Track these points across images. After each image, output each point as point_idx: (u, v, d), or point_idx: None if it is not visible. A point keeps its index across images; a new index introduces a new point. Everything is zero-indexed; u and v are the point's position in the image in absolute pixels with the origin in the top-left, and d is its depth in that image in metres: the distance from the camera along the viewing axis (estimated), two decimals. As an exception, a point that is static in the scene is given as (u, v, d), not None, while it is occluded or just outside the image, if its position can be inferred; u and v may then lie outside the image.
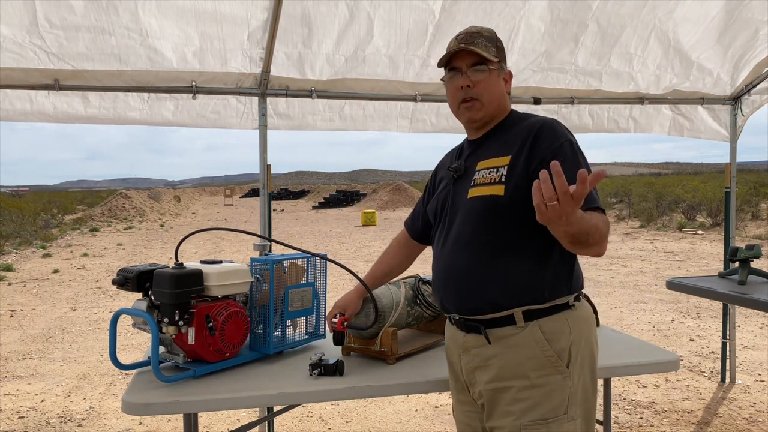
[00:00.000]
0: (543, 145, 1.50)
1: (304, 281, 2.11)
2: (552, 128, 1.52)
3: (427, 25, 2.98)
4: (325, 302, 2.18)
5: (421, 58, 3.17)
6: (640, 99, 3.68)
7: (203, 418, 3.59)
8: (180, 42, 2.80)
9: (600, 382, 2.09)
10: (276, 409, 2.40)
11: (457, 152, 1.76)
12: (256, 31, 2.83)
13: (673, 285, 3.03)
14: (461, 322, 1.61)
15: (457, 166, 1.67)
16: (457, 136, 3.56)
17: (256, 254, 2.13)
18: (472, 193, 1.57)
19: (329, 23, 2.89)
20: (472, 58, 1.59)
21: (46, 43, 2.66)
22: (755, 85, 3.71)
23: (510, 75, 1.67)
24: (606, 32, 3.22)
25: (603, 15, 3.13)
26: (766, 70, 3.60)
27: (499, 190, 1.51)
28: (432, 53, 3.14)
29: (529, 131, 1.53)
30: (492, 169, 1.55)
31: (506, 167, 1.52)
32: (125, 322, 5.98)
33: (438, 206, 1.71)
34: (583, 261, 10.46)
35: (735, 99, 3.84)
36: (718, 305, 6.25)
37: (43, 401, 4.05)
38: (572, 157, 1.47)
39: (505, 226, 1.51)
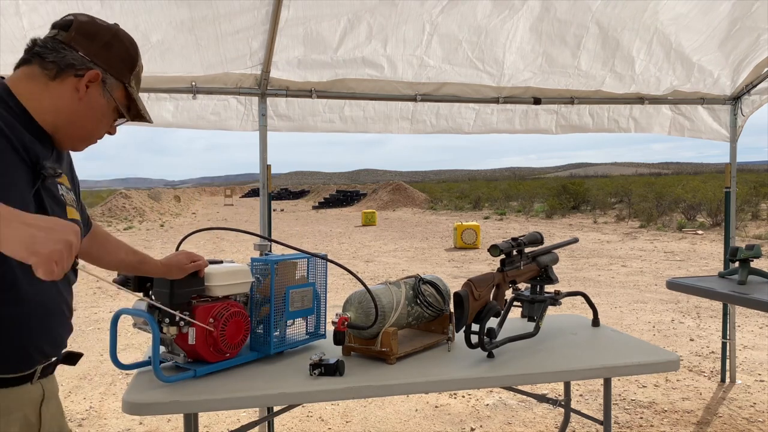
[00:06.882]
0: None
1: (297, 276, 2.10)
2: None
3: (424, 24, 3.00)
4: (325, 302, 2.19)
5: (419, 58, 3.18)
6: (641, 99, 3.68)
7: (203, 418, 3.58)
8: (180, 51, 2.82)
9: (600, 381, 2.09)
10: (276, 409, 2.40)
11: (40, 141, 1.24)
12: (258, 51, 2.89)
13: (673, 285, 3.03)
14: None
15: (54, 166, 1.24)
16: (456, 136, 3.59)
17: (256, 254, 2.13)
18: (70, 213, 1.31)
19: (330, 36, 2.93)
20: None
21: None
22: (755, 85, 3.71)
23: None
24: (607, 35, 3.22)
25: (603, 17, 3.13)
26: (766, 70, 3.60)
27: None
28: (430, 54, 3.16)
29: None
30: (71, 191, 1.36)
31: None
32: (125, 322, 5.96)
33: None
34: (584, 261, 10.45)
35: (735, 99, 3.84)
36: (718, 305, 6.25)
37: (43, 401, 4.05)
38: None
39: None
